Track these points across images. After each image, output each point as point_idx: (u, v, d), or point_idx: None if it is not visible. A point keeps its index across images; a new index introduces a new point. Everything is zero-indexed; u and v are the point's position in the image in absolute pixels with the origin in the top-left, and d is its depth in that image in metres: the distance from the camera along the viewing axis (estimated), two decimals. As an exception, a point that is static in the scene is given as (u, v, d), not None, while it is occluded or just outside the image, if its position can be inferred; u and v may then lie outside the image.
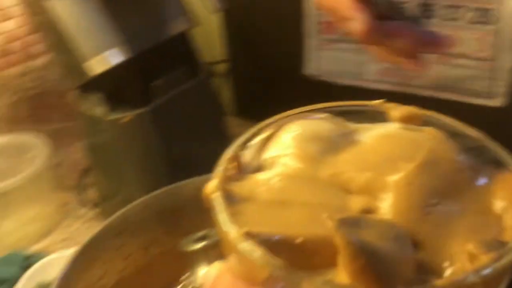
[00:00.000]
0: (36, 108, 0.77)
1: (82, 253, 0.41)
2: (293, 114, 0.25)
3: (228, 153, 0.22)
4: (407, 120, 0.26)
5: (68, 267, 0.39)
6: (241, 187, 0.22)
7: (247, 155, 0.23)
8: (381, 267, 0.17)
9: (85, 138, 0.63)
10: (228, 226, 0.19)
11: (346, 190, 0.21)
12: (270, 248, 0.19)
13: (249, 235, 0.19)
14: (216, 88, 0.70)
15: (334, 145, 0.24)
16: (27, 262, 0.58)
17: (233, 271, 0.19)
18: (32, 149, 0.67)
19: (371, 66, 0.78)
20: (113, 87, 0.59)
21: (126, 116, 0.57)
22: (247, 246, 0.18)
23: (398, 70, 0.77)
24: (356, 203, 0.21)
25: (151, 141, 0.58)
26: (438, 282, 0.18)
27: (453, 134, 0.23)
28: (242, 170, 0.23)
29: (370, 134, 0.24)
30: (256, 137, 0.24)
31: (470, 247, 0.19)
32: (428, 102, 0.74)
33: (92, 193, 0.69)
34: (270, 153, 0.23)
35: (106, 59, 0.55)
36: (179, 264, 0.44)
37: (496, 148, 0.22)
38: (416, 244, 0.19)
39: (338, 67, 0.80)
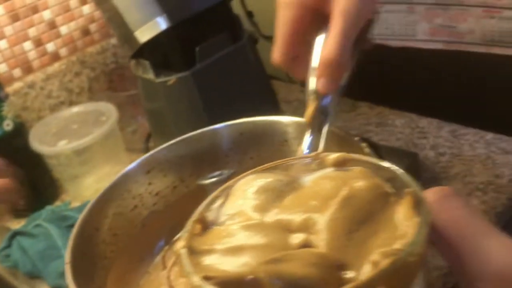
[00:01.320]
0: (112, 81, 0.87)
1: (115, 184, 0.48)
2: (249, 173, 0.29)
3: (195, 215, 0.28)
4: (339, 163, 0.29)
5: (102, 195, 0.47)
6: (203, 242, 0.27)
7: (210, 215, 0.28)
8: None
9: (144, 103, 0.71)
10: (190, 275, 0.24)
11: (288, 230, 0.26)
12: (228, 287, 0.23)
13: (206, 279, 0.23)
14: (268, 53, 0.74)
15: (279, 193, 0.28)
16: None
17: None
18: (105, 115, 0.77)
19: (422, 26, 0.78)
20: (162, 52, 0.66)
21: (171, 78, 0.64)
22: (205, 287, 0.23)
23: (450, 27, 0.75)
24: (296, 240, 0.26)
25: (195, 102, 0.65)
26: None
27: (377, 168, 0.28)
28: (206, 228, 0.28)
29: (309, 179, 0.29)
30: (218, 199, 0.29)
31: (375, 257, 0.23)
32: (481, 58, 0.72)
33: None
34: (227, 209, 0.28)
35: (152, 27, 0.62)
36: (202, 200, 0.49)
37: (402, 174, 0.26)
38: (343, 265, 0.24)
39: (389, 29, 0.80)
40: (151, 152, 0.51)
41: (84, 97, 0.87)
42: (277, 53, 0.43)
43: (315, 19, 0.43)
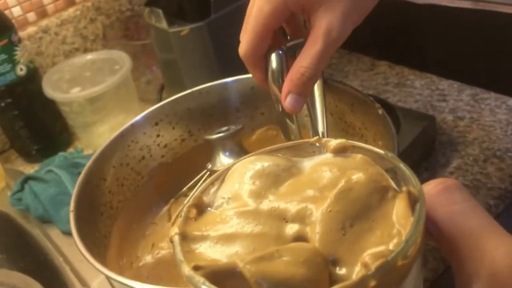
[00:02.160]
0: (128, 29, 0.86)
1: (121, 135, 0.48)
2: (248, 156, 0.28)
3: (189, 201, 0.26)
4: (339, 150, 0.28)
5: (107, 145, 0.46)
6: (197, 227, 0.25)
7: (207, 197, 0.27)
8: None
9: (157, 53, 0.70)
10: (181, 264, 0.23)
11: (284, 219, 0.25)
12: (218, 278, 0.22)
13: (197, 268, 0.22)
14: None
15: (276, 179, 0.27)
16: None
17: None
18: (119, 64, 0.76)
19: (450, -17, 0.74)
20: (176, 2, 0.64)
21: (185, 29, 0.62)
22: (194, 278, 0.22)
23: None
24: (290, 231, 0.24)
25: (208, 54, 0.63)
26: None
27: (379, 157, 0.26)
28: (202, 211, 0.26)
29: (308, 165, 0.28)
30: (216, 183, 0.27)
31: (366, 258, 0.22)
32: (509, 20, 0.69)
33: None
34: (223, 192, 0.27)
35: (167, -26, 0.60)
36: (210, 154, 0.49)
37: (403, 167, 0.25)
38: (336, 261, 0.23)
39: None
40: (159, 104, 0.50)
41: (99, 45, 0.86)
42: (246, 45, 0.40)
43: (289, 23, 0.41)
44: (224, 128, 0.47)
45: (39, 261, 0.67)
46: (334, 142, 0.28)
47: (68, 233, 0.64)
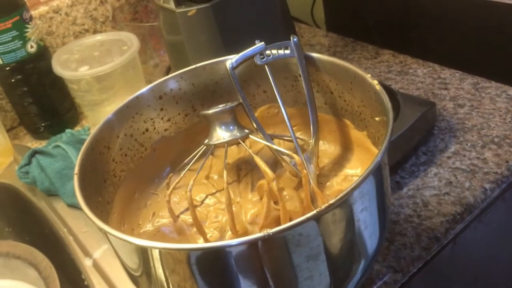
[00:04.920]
0: (137, 12, 0.87)
1: (126, 106, 0.49)
2: None
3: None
4: None
5: (112, 115, 0.48)
6: None
7: None
8: None
9: (164, 34, 0.71)
10: None
11: None
12: None
13: None
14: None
15: None
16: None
17: None
18: (127, 44, 0.78)
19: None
20: (184, -17, 0.65)
21: (192, 9, 0.63)
22: None
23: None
24: None
25: (214, 36, 0.64)
26: None
27: None
28: None
29: None
30: None
31: None
32: (511, 7, 0.69)
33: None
34: None
35: (175, -45, 0.61)
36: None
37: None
38: None
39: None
40: (164, 78, 0.51)
41: (108, 27, 0.87)
42: None
43: None
44: (221, 105, 0.49)
45: (44, 233, 0.69)
46: None
47: (73, 206, 0.66)
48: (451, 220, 0.53)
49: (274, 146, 0.47)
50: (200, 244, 0.43)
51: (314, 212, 0.32)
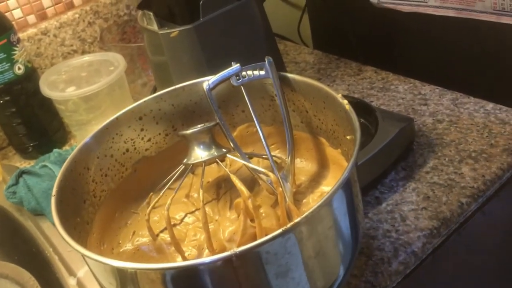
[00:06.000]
0: (125, 33, 0.89)
1: (106, 127, 0.50)
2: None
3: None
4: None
5: (92, 137, 0.49)
6: None
7: None
8: None
9: (149, 55, 0.73)
10: None
11: None
12: None
13: None
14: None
15: None
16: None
17: None
18: (114, 65, 0.79)
19: (434, -8, 0.76)
20: (167, 5, 0.67)
21: (175, 31, 0.65)
22: None
23: (461, -5, 0.74)
24: None
25: (197, 57, 0.66)
26: None
27: None
28: None
29: None
30: None
31: None
32: (492, 27, 0.71)
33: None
34: None
35: (157, -22, 0.63)
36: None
37: None
38: None
39: (400, -6, 0.79)
40: (144, 99, 0.52)
41: (96, 47, 0.89)
42: None
43: None
44: (200, 125, 0.50)
45: (32, 252, 0.70)
46: None
47: (58, 225, 0.66)
48: (428, 234, 0.54)
49: (251, 165, 0.48)
50: (172, 263, 0.44)
51: (280, 230, 0.33)
